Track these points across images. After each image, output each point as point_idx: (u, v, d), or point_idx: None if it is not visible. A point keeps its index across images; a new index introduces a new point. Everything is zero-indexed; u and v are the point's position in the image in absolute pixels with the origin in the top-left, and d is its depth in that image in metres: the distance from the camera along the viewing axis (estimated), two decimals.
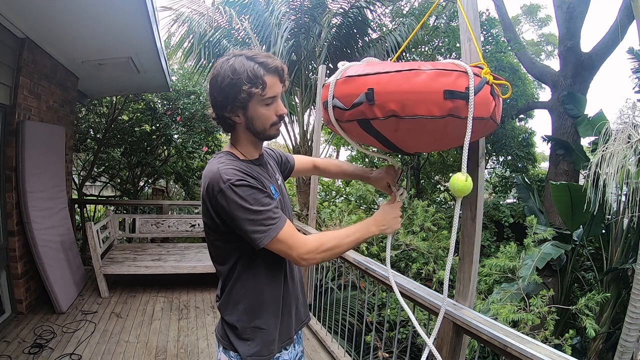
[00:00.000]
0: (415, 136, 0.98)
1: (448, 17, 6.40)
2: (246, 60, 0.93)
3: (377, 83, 0.88)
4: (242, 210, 0.89)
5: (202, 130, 6.42)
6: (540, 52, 12.75)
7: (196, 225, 4.66)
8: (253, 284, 1.01)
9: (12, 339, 2.61)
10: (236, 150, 1.03)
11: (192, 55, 5.23)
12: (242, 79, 0.91)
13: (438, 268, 4.27)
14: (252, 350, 1.01)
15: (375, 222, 1.06)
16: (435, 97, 0.85)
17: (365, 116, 0.92)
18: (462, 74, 0.87)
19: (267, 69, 0.94)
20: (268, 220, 0.91)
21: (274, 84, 0.96)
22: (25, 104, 3.03)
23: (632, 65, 5.02)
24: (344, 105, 0.94)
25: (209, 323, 3.11)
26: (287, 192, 1.25)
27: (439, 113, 0.86)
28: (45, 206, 3.21)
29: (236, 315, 1.02)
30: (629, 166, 3.42)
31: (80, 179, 6.43)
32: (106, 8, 2.71)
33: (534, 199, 5.40)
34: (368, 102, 0.89)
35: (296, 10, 4.92)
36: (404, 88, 0.86)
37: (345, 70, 0.98)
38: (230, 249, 1.00)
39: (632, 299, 3.01)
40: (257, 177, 0.97)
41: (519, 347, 1.07)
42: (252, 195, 0.91)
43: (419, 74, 0.86)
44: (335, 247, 0.99)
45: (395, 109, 0.87)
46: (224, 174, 0.90)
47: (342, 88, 0.96)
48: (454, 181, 0.96)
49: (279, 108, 1.00)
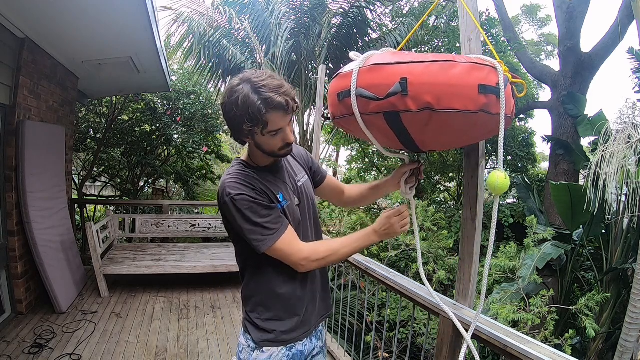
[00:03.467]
0: (442, 132, 0.93)
1: (448, 17, 6.40)
2: (252, 93, 0.92)
3: (411, 73, 0.82)
4: (241, 221, 1.00)
5: (202, 130, 6.43)
6: (540, 52, 12.75)
7: (196, 225, 4.66)
8: (265, 280, 1.10)
9: (12, 339, 2.61)
10: (249, 158, 1.11)
11: (192, 55, 5.23)
12: (244, 117, 0.93)
13: (438, 268, 4.27)
14: (264, 337, 1.09)
15: (375, 230, 1.09)
16: (471, 92, 0.83)
17: (395, 108, 0.85)
18: (492, 69, 0.86)
19: (269, 106, 0.92)
20: (265, 230, 1.00)
21: (276, 120, 0.95)
22: (25, 104, 3.03)
23: (632, 65, 5.01)
24: (375, 95, 0.86)
25: (209, 323, 3.11)
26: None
27: (473, 108, 0.83)
28: (45, 206, 3.21)
29: (251, 306, 1.12)
30: (629, 166, 3.42)
31: (80, 179, 6.43)
32: (106, 8, 2.71)
33: (534, 199, 5.39)
34: (402, 93, 0.83)
35: (296, 10, 4.92)
36: (440, 80, 0.82)
37: (368, 59, 0.90)
38: (242, 247, 1.09)
39: (632, 299, 3.01)
40: (261, 187, 1.03)
41: (519, 347, 1.07)
42: (250, 208, 0.99)
43: (454, 65, 0.82)
44: (329, 255, 1.06)
45: (430, 101, 0.82)
46: (227, 188, 1.00)
47: (367, 77, 0.88)
48: (494, 179, 0.92)
49: (285, 137, 1.00)
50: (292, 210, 1.10)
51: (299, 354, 1.13)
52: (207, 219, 4.80)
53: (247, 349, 1.11)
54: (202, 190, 7.59)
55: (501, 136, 0.89)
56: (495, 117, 0.87)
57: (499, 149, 0.92)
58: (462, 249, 1.29)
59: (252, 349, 1.10)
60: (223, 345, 2.76)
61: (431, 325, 3.03)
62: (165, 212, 4.82)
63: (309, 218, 1.19)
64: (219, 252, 4.24)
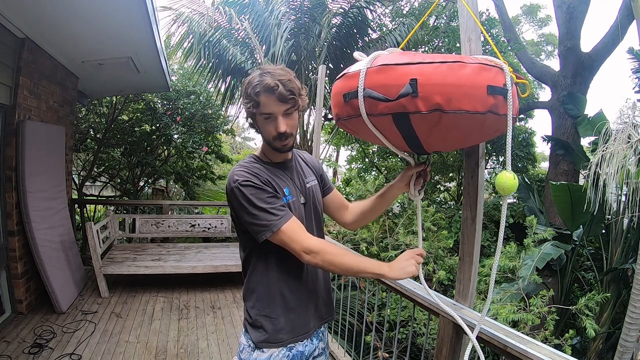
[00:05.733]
0: (449, 133, 0.93)
1: (448, 17, 6.40)
2: (258, 75, 1.02)
3: (421, 74, 0.81)
4: (245, 207, 1.01)
5: (202, 130, 6.42)
6: (540, 52, 12.75)
7: (196, 225, 4.66)
8: (265, 275, 1.10)
9: (12, 339, 2.61)
10: (262, 153, 1.15)
11: (192, 55, 5.23)
12: (245, 95, 1.04)
13: (438, 268, 4.27)
14: (262, 337, 1.09)
15: (388, 265, 1.02)
16: (480, 92, 0.82)
17: (405, 109, 0.84)
18: (499, 70, 0.85)
19: (263, 87, 0.99)
20: (270, 215, 1.00)
21: (267, 103, 1.01)
22: (25, 104, 3.03)
23: (632, 65, 5.01)
24: (385, 97, 0.85)
25: (209, 323, 3.11)
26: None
27: (482, 109, 0.83)
28: (45, 206, 3.21)
29: (251, 302, 1.12)
30: (629, 166, 3.42)
31: (80, 179, 6.42)
32: (106, 8, 2.71)
33: (534, 199, 5.39)
34: (412, 94, 0.82)
35: (296, 10, 4.91)
36: (450, 80, 0.81)
37: (376, 59, 0.89)
38: (246, 239, 1.10)
39: (632, 299, 3.01)
40: (268, 179, 1.06)
41: (519, 347, 1.07)
42: (255, 194, 1.01)
43: (463, 66, 0.82)
44: (334, 256, 1.00)
45: (440, 103, 0.81)
46: (235, 175, 1.04)
47: (376, 78, 0.87)
48: (502, 179, 0.91)
49: (277, 126, 1.03)
50: (297, 207, 1.11)
51: (299, 355, 1.13)
52: (207, 219, 4.80)
53: (248, 348, 1.11)
54: (202, 190, 7.59)
55: (509, 137, 0.88)
56: (503, 117, 0.87)
57: (507, 150, 0.91)
58: (462, 249, 1.29)
59: (252, 348, 1.10)
60: (223, 345, 2.76)
61: (431, 325, 3.04)
62: (165, 212, 4.82)
63: (314, 220, 1.18)
64: (219, 252, 4.24)
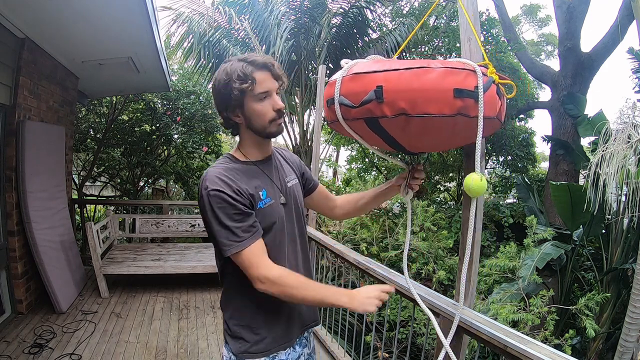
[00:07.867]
0: (423, 135, 0.97)
1: (448, 17, 6.39)
2: (237, 62, 1.00)
3: (386, 80, 0.86)
4: (211, 218, 0.97)
5: (202, 130, 6.42)
6: (540, 52, 12.77)
7: (196, 225, 4.66)
8: (243, 284, 1.01)
9: (12, 339, 2.62)
10: (239, 152, 1.09)
11: (192, 55, 5.23)
12: (233, 78, 0.98)
13: (438, 268, 4.27)
14: (242, 348, 1.05)
15: (349, 294, 0.99)
16: (445, 96, 0.84)
17: (373, 114, 0.90)
18: (470, 72, 0.87)
19: (255, 65, 0.99)
20: (232, 236, 0.95)
21: (264, 79, 0.99)
22: (25, 104, 3.03)
23: (632, 65, 5.01)
24: (352, 103, 0.92)
25: (209, 323, 3.11)
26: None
27: (449, 112, 0.85)
28: (45, 206, 3.21)
29: (229, 313, 1.09)
30: (629, 166, 3.42)
31: (80, 179, 6.43)
32: (106, 8, 2.71)
33: (534, 199, 5.39)
34: (377, 100, 0.87)
35: (296, 10, 4.91)
36: (414, 86, 0.84)
37: (351, 68, 0.95)
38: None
39: (632, 299, 3.01)
40: (244, 186, 0.99)
41: (519, 347, 1.07)
42: (223, 208, 0.95)
43: (428, 71, 0.85)
44: (293, 288, 0.97)
45: (405, 107, 0.85)
46: (207, 180, 0.97)
47: (349, 85, 0.94)
48: (469, 181, 0.95)
49: (274, 103, 1.01)
50: (275, 208, 1.06)
51: None
52: None
53: None
54: None
55: (479, 137, 0.91)
56: (475, 119, 0.88)
57: (477, 151, 0.94)
58: (462, 249, 1.29)
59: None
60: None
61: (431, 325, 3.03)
62: (165, 212, 4.82)
63: (296, 220, 1.14)
64: None
